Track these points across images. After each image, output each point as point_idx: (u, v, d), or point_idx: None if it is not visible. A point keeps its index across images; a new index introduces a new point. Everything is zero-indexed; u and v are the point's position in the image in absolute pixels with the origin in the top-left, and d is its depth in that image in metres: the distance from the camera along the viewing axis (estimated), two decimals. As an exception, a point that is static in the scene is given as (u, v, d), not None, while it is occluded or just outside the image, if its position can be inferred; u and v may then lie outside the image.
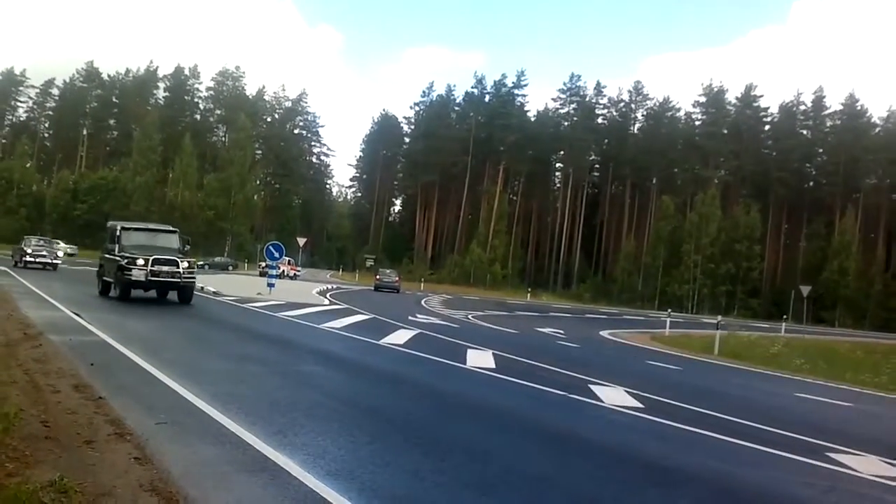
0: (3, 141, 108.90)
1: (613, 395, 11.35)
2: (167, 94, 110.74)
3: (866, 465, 7.91)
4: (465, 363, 13.98)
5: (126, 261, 20.29)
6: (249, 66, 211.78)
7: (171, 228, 24.00)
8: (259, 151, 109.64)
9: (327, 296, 35.47)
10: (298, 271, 58.82)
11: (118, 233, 21.65)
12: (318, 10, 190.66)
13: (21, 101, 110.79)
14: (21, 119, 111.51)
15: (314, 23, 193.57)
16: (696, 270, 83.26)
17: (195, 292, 22.75)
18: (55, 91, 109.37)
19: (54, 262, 36.80)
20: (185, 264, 21.22)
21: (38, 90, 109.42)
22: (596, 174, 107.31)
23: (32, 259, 35.86)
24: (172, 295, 21.96)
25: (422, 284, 67.41)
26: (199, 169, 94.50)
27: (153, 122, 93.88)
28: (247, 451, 6.16)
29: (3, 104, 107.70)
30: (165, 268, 20.57)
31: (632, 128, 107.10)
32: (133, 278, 20.10)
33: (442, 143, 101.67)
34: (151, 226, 25.30)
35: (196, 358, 12.23)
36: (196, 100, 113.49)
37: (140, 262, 20.15)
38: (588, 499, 5.85)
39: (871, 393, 17.11)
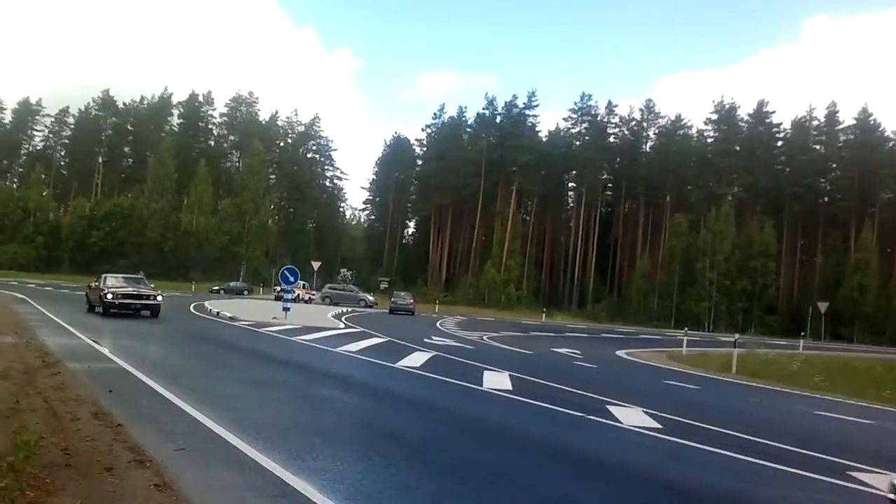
0: (20, 170, 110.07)
1: (631, 416, 11.30)
2: (181, 120, 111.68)
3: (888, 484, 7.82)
4: (481, 385, 13.96)
5: None
6: (263, 90, 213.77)
7: None
8: (273, 176, 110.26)
9: (342, 319, 35.51)
10: (313, 295, 58.93)
11: None
12: (337, 35, 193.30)
13: (37, 130, 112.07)
14: (37, 148, 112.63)
15: (333, 48, 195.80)
16: (711, 288, 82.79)
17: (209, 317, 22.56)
18: (70, 119, 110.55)
19: None
20: None
21: (53, 119, 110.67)
22: (609, 193, 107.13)
23: None
24: (187, 322, 21.92)
25: (437, 306, 67.33)
26: (214, 195, 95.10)
27: (168, 148, 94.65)
28: (266, 476, 6.18)
29: (20, 133, 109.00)
30: None
31: (644, 146, 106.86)
32: None
33: (454, 164, 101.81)
34: None
35: (214, 384, 12.26)
36: (210, 126, 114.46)
37: None
38: (607, 521, 5.82)
39: (892, 410, 16.93)
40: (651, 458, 8.52)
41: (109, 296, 25.43)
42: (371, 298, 61.06)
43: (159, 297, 26.66)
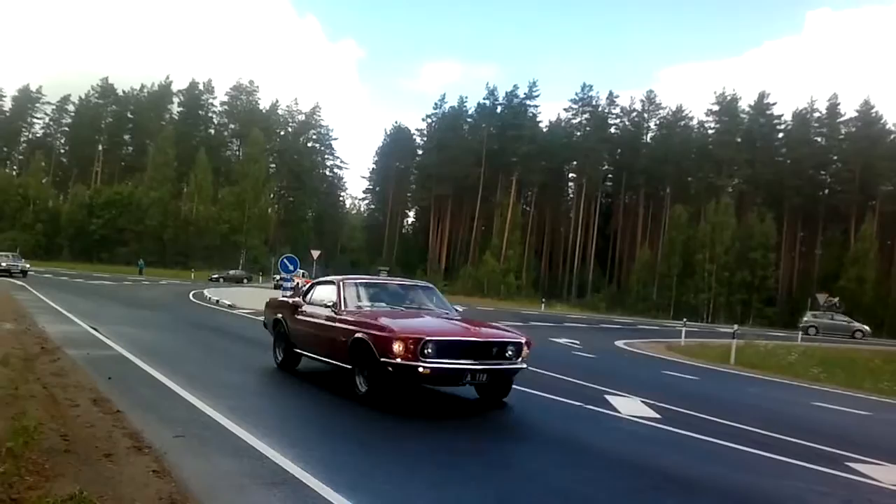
0: (20, 157, 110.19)
1: (630, 406, 11.30)
2: (182, 108, 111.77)
3: (887, 475, 7.83)
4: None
5: None
6: (265, 79, 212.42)
7: None
8: (273, 165, 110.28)
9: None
10: (312, 284, 58.67)
11: None
12: (342, 25, 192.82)
13: (37, 118, 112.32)
14: (37, 135, 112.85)
15: (336, 37, 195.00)
16: (710, 279, 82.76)
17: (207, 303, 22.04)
18: (71, 107, 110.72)
19: None
20: None
21: (53, 106, 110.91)
22: (609, 184, 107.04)
23: None
24: (186, 310, 21.51)
25: (436, 296, 67.15)
26: (214, 183, 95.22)
27: (168, 137, 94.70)
28: (265, 463, 6.19)
29: (20, 121, 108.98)
30: None
31: (645, 137, 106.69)
32: None
33: (455, 154, 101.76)
34: None
35: (213, 371, 12.27)
36: (210, 114, 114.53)
37: None
38: (606, 510, 5.82)
39: (890, 401, 16.92)
40: (650, 448, 8.52)
41: (407, 346, 8.77)
42: (867, 329, 55.48)
43: (523, 344, 10.59)
